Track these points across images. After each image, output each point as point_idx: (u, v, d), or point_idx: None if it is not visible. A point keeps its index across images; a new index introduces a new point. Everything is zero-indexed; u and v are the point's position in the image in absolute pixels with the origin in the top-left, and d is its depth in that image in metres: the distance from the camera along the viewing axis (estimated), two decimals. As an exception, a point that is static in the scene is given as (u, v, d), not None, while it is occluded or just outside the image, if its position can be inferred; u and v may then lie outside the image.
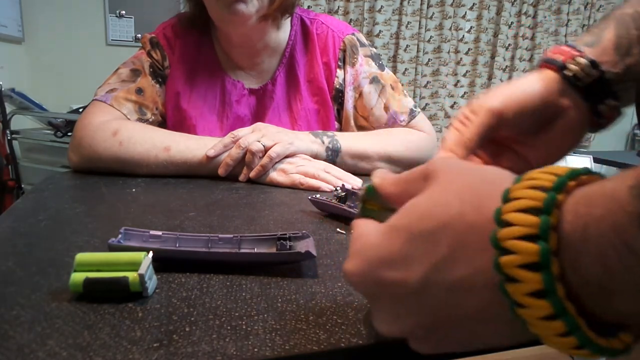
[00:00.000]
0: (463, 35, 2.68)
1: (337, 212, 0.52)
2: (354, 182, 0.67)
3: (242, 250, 0.38)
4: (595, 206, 0.16)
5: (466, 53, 2.70)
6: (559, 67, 0.37)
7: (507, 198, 0.18)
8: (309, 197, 0.54)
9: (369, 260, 0.23)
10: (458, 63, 2.71)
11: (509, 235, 0.18)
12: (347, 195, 0.53)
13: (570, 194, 0.18)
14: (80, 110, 1.81)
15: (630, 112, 0.39)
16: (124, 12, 2.38)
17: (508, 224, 0.18)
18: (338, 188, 0.54)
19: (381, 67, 0.88)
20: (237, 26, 0.77)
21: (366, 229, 0.25)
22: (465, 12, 2.65)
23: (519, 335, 0.20)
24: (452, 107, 2.75)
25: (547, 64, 0.39)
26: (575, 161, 1.85)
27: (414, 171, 0.25)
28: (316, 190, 0.66)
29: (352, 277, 0.24)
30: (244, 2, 0.72)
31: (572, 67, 0.37)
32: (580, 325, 0.17)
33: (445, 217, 0.20)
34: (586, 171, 0.19)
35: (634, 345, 0.18)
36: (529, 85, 0.38)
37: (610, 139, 3.02)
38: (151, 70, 0.83)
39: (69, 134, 1.74)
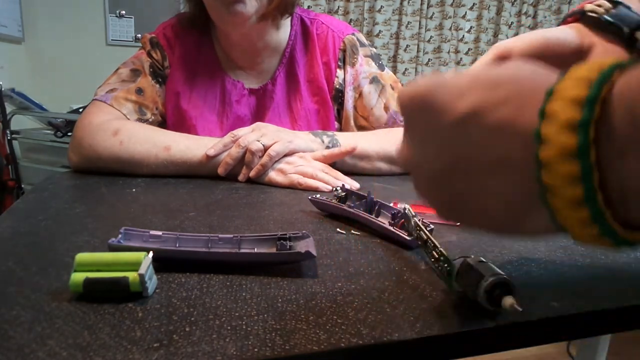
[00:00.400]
0: (463, 35, 2.68)
1: (337, 212, 0.52)
2: (351, 183, 0.67)
3: (242, 250, 0.38)
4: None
5: (466, 53, 2.70)
6: (580, 14, 0.38)
7: (562, 78, 0.19)
8: (309, 197, 0.54)
9: (429, 82, 0.23)
10: (458, 63, 2.71)
11: (558, 97, 0.18)
12: (347, 195, 0.53)
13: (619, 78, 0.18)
14: (80, 110, 1.81)
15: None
16: (124, 12, 2.38)
17: (558, 94, 0.18)
18: (338, 188, 0.54)
19: (381, 67, 0.88)
20: (237, 26, 0.77)
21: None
22: (465, 12, 2.65)
23: (522, 210, 0.20)
24: (452, 107, 2.75)
25: (569, 17, 0.39)
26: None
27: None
28: (314, 190, 0.66)
29: (406, 94, 0.24)
30: (243, 2, 0.73)
31: (589, 6, 0.37)
32: (617, 230, 0.18)
33: (512, 76, 0.21)
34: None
35: None
36: (561, 32, 0.38)
37: None
38: (151, 70, 0.83)
39: (69, 134, 1.73)
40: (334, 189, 0.54)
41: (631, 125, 0.17)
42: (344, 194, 0.53)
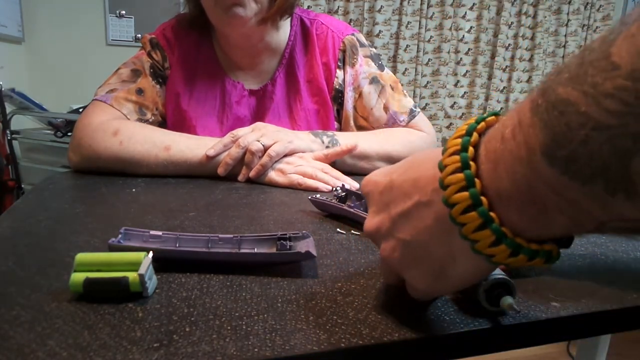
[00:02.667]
0: (463, 35, 2.68)
1: (337, 212, 0.52)
2: (351, 183, 0.67)
3: (242, 250, 0.38)
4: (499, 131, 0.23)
5: (466, 53, 2.70)
6: None
7: (443, 150, 0.25)
8: (309, 197, 0.54)
9: (372, 174, 0.33)
10: (458, 63, 2.71)
11: (446, 172, 0.24)
12: (347, 195, 0.53)
13: (485, 132, 0.24)
14: (80, 110, 1.81)
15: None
16: (124, 12, 2.38)
17: (445, 166, 0.24)
18: (338, 188, 0.54)
19: (381, 68, 0.88)
20: (236, 29, 0.77)
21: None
22: (465, 12, 2.65)
23: (445, 234, 0.25)
24: (452, 107, 2.75)
25: None
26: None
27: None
28: (314, 190, 0.66)
29: (364, 181, 0.33)
30: (242, 5, 0.73)
31: None
32: (506, 232, 0.22)
33: (413, 156, 0.30)
34: (495, 113, 0.25)
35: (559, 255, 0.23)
36: None
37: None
38: (151, 70, 0.83)
39: (69, 134, 1.73)
40: (334, 188, 0.54)
41: (499, 141, 0.22)
42: (343, 193, 0.53)
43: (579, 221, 0.20)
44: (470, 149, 0.24)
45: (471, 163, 0.23)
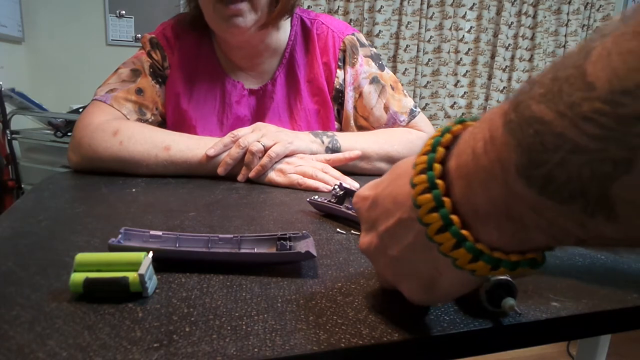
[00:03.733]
0: (463, 35, 2.68)
1: (335, 213, 0.52)
2: (351, 183, 0.67)
3: (242, 250, 0.38)
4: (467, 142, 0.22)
5: (466, 53, 2.70)
6: None
7: (414, 165, 0.25)
8: (308, 199, 0.54)
9: (361, 189, 0.33)
10: (458, 63, 2.71)
11: (416, 192, 0.24)
12: (346, 194, 0.53)
13: (452, 142, 0.24)
14: (80, 110, 1.81)
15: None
16: (124, 12, 2.38)
17: (415, 184, 0.24)
18: (336, 187, 0.54)
19: (381, 67, 0.88)
20: (235, 37, 0.78)
21: None
22: (465, 12, 2.65)
23: (449, 271, 0.24)
24: (452, 107, 2.75)
25: None
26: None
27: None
28: (314, 190, 0.66)
29: (355, 197, 0.33)
30: (242, 15, 0.73)
31: None
32: (482, 249, 0.22)
33: (391, 172, 0.30)
34: (460, 121, 0.24)
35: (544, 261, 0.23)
36: None
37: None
38: (151, 70, 0.83)
39: (69, 134, 1.73)
40: (333, 187, 0.54)
41: (470, 155, 0.21)
42: (342, 192, 0.53)
43: (559, 238, 0.20)
44: (437, 166, 0.23)
45: (438, 182, 0.23)
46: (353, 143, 0.77)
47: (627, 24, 0.15)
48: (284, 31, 0.86)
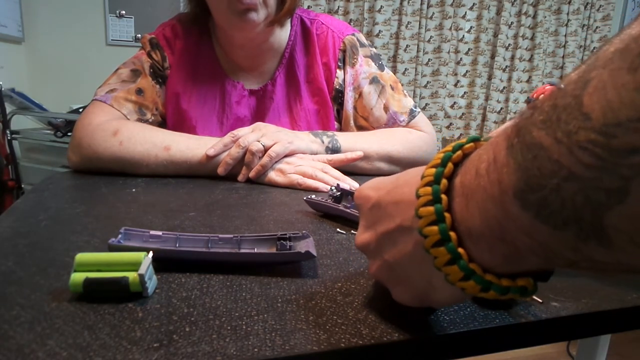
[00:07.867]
0: (463, 35, 2.68)
1: (332, 213, 0.52)
2: (351, 183, 0.67)
3: (242, 250, 0.38)
4: (474, 164, 0.22)
5: (466, 53, 2.70)
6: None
7: (422, 176, 0.25)
8: (304, 198, 0.54)
9: (363, 186, 0.33)
10: (458, 63, 2.71)
11: (419, 203, 0.24)
12: (343, 195, 0.53)
13: (463, 158, 0.24)
14: (80, 110, 1.81)
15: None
16: (124, 12, 2.38)
17: (420, 195, 0.24)
18: (333, 187, 0.54)
19: (381, 68, 0.88)
20: (245, 32, 0.78)
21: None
22: (465, 12, 2.65)
23: (442, 284, 0.25)
24: (452, 107, 2.75)
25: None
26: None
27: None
28: (314, 190, 0.66)
29: (356, 194, 0.33)
30: (255, 10, 0.73)
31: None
32: (475, 269, 0.22)
33: (399, 177, 0.29)
34: (473, 139, 0.25)
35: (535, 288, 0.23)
36: None
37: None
38: (151, 70, 0.83)
39: (69, 134, 1.73)
40: (330, 188, 0.54)
41: (473, 175, 0.22)
42: (338, 193, 0.53)
43: (551, 260, 0.20)
44: (444, 181, 0.23)
45: (442, 196, 0.23)
46: (353, 143, 0.77)
47: (625, 58, 0.16)
48: (284, 31, 0.86)
